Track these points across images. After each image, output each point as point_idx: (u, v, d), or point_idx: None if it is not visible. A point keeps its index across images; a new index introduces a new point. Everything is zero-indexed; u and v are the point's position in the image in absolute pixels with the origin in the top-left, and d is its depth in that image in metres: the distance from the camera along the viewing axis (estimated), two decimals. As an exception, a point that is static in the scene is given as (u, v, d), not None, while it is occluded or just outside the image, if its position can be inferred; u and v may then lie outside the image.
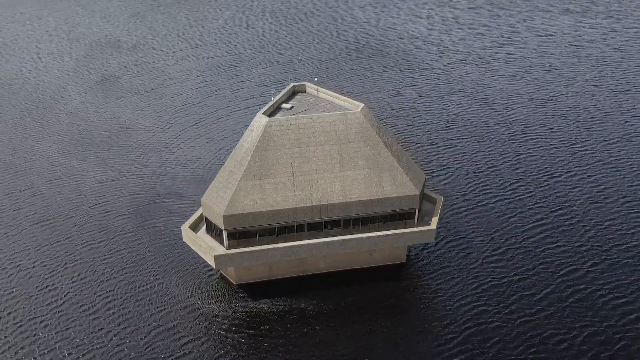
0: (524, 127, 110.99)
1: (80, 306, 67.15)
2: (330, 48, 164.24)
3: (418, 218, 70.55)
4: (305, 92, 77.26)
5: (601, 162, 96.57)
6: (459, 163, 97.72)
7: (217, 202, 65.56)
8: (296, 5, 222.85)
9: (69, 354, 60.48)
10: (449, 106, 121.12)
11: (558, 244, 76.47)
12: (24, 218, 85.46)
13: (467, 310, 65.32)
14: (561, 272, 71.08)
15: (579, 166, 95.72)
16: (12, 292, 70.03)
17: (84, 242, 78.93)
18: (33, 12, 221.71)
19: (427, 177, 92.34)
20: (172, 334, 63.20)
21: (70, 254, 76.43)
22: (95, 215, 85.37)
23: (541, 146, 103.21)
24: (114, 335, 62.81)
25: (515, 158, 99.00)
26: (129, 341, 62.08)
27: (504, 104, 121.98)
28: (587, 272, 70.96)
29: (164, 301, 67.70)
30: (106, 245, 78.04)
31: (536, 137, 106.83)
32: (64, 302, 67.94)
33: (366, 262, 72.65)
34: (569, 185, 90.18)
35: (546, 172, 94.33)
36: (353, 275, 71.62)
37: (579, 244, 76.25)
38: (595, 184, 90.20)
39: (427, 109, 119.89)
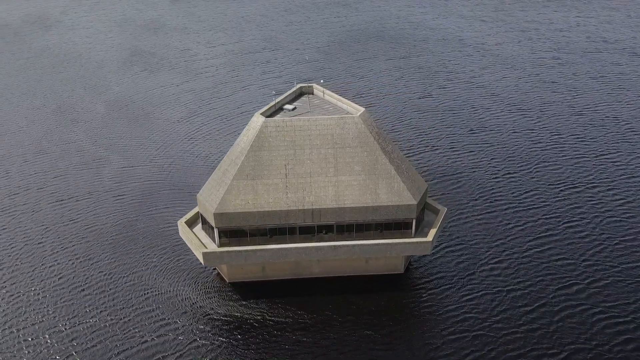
0: (554, 135, 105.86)
1: (72, 285, 69.93)
2: (369, 47, 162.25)
3: (417, 229, 68.46)
4: (312, 93, 76.44)
5: (629, 177, 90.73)
6: (475, 170, 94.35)
7: (210, 199, 65.92)
8: (344, 3, 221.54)
9: (52, 329, 63.24)
10: (477, 110, 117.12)
11: (562, 258, 72.90)
12: (44, 198, 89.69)
13: (453, 323, 62.76)
14: (558, 287, 67.84)
15: (605, 179, 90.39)
16: (17, 265, 74.06)
17: (91, 225, 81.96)
18: (94, 2, 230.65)
19: (440, 183, 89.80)
20: (150, 319, 64.66)
21: (75, 235, 79.65)
22: (107, 199, 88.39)
23: (568, 156, 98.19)
24: (97, 315, 65.06)
25: (536, 167, 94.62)
26: (109, 321, 64.21)
27: (537, 110, 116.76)
28: (586, 290, 67.35)
29: (153, 288, 69.06)
30: (111, 230, 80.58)
31: (564, 146, 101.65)
32: (60, 279, 71.08)
33: (362, 270, 71.19)
34: (588, 199, 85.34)
35: (567, 183, 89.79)
36: (348, 282, 70.28)
37: (584, 259, 72.33)
38: (618, 199, 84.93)
39: (454, 113, 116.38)
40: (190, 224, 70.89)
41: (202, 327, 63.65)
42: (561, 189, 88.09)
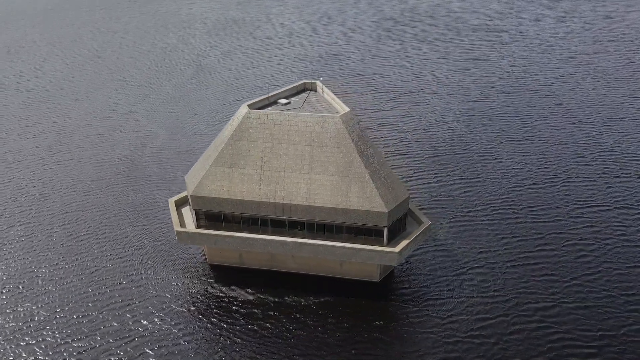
0: (607, 152, 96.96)
1: (64, 245, 78.02)
2: (445, 46, 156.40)
3: (391, 238, 66.24)
4: (315, 90, 76.29)
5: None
6: (498, 179, 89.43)
7: (191, 181, 68.89)
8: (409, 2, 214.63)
9: (43, 268, 71.45)
10: (532, 119, 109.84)
11: (552, 278, 68.40)
12: (90, 158, 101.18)
13: (410, 339, 60.60)
14: (535, 307, 64.25)
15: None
16: (39, 210, 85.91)
17: (112, 185, 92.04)
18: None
19: (456, 190, 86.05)
20: (120, 272, 71.80)
21: (97, 193, 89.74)
22: (133, 165, 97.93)
23: (611, 175, 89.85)
24: (77, 262, 74.15)
25: (565, 182, 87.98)
26: (88, 268, 72.58)
27: (599, 124, 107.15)
28: (568, 313, 63.44)
29: (135, 260, 74.27)
30: (124, 197, 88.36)
31: (614, 164, 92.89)
32: (56, 232, 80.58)
33: (337, 272, 70.35)
34: (610, 221, 78.20)
35: (595, 202, 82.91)
36: (321, 282, 69.68)
37: (576, 283, 67.47)
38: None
39: (505, 119, 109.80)
40: (181, 203, 74.56)
41: (164, 283, 69.91)
42: (584, 207, 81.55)
